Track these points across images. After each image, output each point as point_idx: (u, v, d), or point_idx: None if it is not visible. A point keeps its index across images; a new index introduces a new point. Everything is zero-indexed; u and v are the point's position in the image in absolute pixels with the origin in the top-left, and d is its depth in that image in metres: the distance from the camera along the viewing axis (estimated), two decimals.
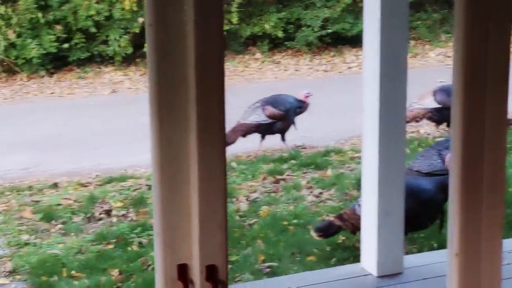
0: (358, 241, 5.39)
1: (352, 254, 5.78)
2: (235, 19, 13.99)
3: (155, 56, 2.04)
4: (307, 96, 8.89)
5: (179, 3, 2.03)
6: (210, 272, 2.14)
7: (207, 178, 2.10)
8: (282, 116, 8.79)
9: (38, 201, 7.39)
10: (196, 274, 2.14)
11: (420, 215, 5.74)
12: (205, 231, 2.12)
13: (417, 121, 9.26)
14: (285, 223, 6.61)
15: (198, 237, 2.12)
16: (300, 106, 8.86)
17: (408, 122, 9.08)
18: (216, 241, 2.13)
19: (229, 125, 8.53)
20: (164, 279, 2.16)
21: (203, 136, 2.08)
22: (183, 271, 2.15)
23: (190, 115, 2.07)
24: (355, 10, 14.28)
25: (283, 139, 8.88)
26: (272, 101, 8.91)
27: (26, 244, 6.44)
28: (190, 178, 2.11)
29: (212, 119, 2.09)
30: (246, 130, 8.75)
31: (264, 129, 8.81)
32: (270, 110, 8.78)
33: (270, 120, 8.78)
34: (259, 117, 8.76)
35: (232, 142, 8.51)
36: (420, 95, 9.15)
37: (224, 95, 2.10)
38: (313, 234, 5.89)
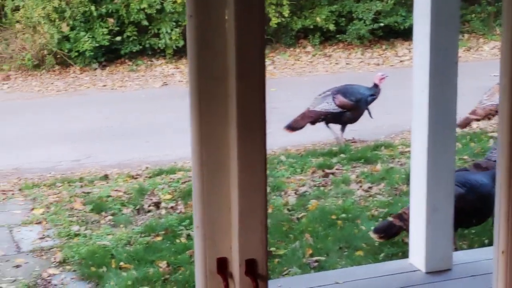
0: (407, 236, 5.33)
1: (401, 250, 5.71)
2: (286, 12, 13.96)
3: (195, 48, 2.03)
4: (382, 79, 8.87)
5: None
6: (250, 266, 2.12)
7: (247, 172, 2.08)
8: (352, 106, 8.80)
9: (88, 193, 7.47)
10: (236, 268, 2.13)
11: (481, 210, 5.65)
12: (245, 225, 2.11)
13: (489, 118, 9.00)
14: (334, 217, 6.58)
15: (238, 231, 2.11)
16: (373, 94, 8.85)
17: (479, 119, 8.91)
18: (256, 235, 2.12)
19: (283, 116, 8.55)
20: (204, 272, 2.15)
21: (243, 129, 2.06)
22: (222, 265, 2.14)
23: (230, 108, 2.06)
24: (408, 2, 14.14)
25: (343, 129, 8.87)
26: (344, 91, 8.93)
27: (76, 235, 6.51)
28: (230, 172, 2.10)
29: (252, 113, 2.07)
30: (315, 117, 8.80)
31: (332, 118, 8.83)
32: (341, 99, 8.79)
33: (339, 110, 8.78)
34: (329, 105, 8.78)
35: (300, 128, 8.65)
36: (490, 92, 8.90)
37: (265, 88, 2.08)
38: (373, 235, 5.78)
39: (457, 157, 6.58)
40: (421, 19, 4.67)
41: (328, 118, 8.81)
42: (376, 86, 8.87)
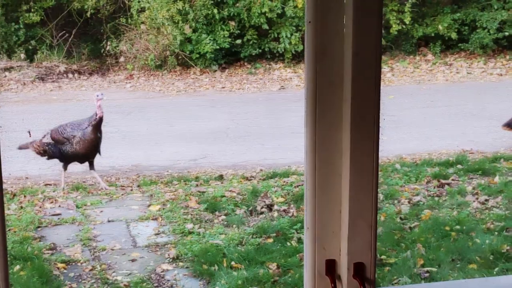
0: None
1: None
2: (407, 19, 13.81)
3: (313, 53, 2.06)
4: None
5: (339, 1, 2.04)
6: (358, 270, 2.14)
7: (359, 176, 2.10)
8: None
9: (203, 192, 7.62)
10: (344, 270, 2.15)
11: None
12: (355, 229, 2.13)
13: None
14: (447, 228, 6.48)
15: (347, 234, 2.13)
16: None
17: None
18: (365, 239, 2.14)
19: (399, 124, 8.46)
20: (312, 273, 2.18)
21: (357, 134, 2.08)
22: (331, 267, 2.17)
23: (345, 113, 2.08)
24: None
25: None
26: None
27: (190, 232, 6.65)
28: (342, 176, 2.12)
29: (366, 119, 2.09)
30: None
31: None
32: None
33: None
34: None
35: None
36: None
37: (379, 95, 2.10)
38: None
39: None
40: None
41: None
42: None
